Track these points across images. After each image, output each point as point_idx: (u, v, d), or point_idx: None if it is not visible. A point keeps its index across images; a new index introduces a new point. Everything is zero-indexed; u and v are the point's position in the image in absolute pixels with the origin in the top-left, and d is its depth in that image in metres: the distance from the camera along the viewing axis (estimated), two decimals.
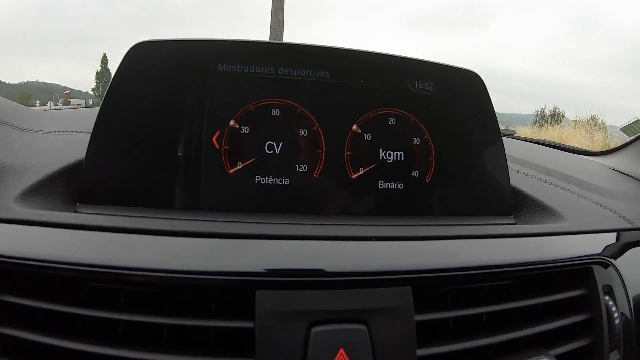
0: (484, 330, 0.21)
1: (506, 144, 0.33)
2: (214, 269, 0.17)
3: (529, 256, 0.23)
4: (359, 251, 0.19)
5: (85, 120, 0.32)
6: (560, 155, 0.55)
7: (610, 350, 0.26)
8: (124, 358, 0.16)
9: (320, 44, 0.26)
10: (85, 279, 0.18)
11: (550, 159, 0.47)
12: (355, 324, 0.17)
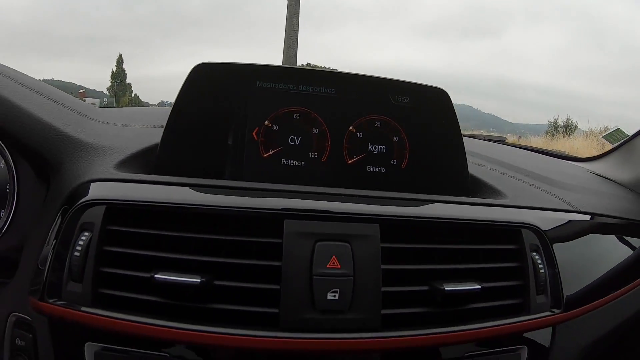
0: (435, 262, 0.32)
1: (493, 148, 0.44)
2: (261, 207, 0.30)
3: (471, 215, 0.34)
4: (348, 203, 0.32)
5: (137, 118, 0.46)
6: (541, 159, 0.66)
7: (538, 293, 0.36)
8: (205, 262, 0.28)
9: (328, 69, 0.39)
10: (169, 212, 0.31)
11: (527, 161, 0.58)
12: (343, 242, 0.29)
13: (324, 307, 0.28)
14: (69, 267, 0.30)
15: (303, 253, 0.29)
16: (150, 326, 0.28)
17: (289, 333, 0.28)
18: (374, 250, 0.30)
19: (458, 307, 0.31)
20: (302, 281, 0.28)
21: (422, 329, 0.30)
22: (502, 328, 0.33)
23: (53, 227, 0.32)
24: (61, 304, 0.30)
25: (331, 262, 0.29)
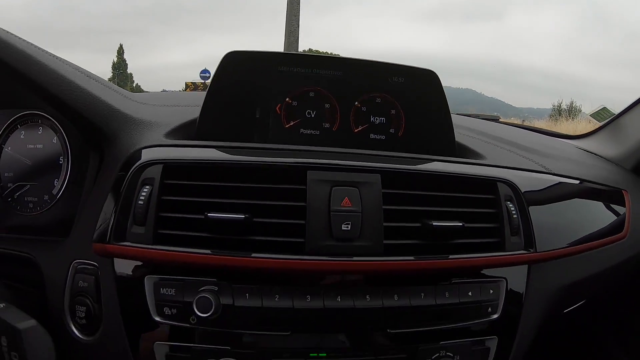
0: (425, 205, 0.41)
1: (484, 124, 0.53)
2: (290, 162, 0.40)
3: (454, 170, 0.43)
4: (356, 159, 0.42)
5: (168, 100, 0.55)
6: (530, 135, 0.75)
7: (512, 235, 0.45)
8: (246, 204, 0.37)
9: (337, 55, 0.48)
10: (215, 167, 0.40)
11: (513, 134, 0.67)
12: (353, 187, 0.38)
13: (339, 236, 0.37)
14: (134, 214, 0.38)
15: (322, 195, 0.38)
16: (202, 255, 0.37)
17: (313, 257, 0.37)
18: (376, 194, 0.39)
19: (445, 240, 0.41)
20: (322, 216, 0.37)
21: (416, 256, 0.39)
22: (483, 259, 0.42)
23: (114, 185, 0.41)
24: (126, 245, 0.39)
25: (344, 202, 0.38)
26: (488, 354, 0.43)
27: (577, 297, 0.58)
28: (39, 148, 0.50)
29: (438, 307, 0.40)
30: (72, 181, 0.46)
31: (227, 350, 0.37)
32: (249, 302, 0.37)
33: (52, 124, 0.48)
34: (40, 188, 0.47)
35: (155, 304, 0.38)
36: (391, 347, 0.39)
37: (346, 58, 0.48)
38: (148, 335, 0.39)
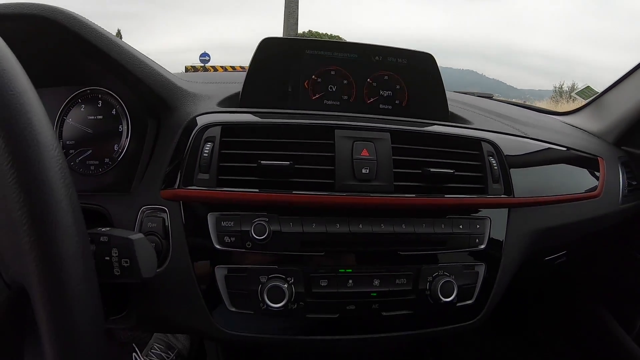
0: (424, 157, 0.59)
1: (477, 100, 0.72)
2: (322, 123, 0.55)
3: (446, 131, 0.62)
4: (370, 121, 0.58)
5: (207, 79, 0.73)
6: (520, 110, 0.94)
7: (494, 182, 0.63)
8: (289, 154, 0.55)
9: (353, 42, 0.67)
10: (263, 127, 0.57)
11: (502, 108, 0.86)
12: (369, 141, 0.54)
13: (360, 178, 0.55)
14: (199, 165, 0.55)
15: (347, 147, 0.55)
16: (255, 194, 0.54)
17: (340, 193, 0.54)
18: (387, 147, 0.56)
19: (440, 184, 0.58)
20: (347, 163, 0.54)
21: (418, 195, 0.57)
22: (470, 199, 0.60)
23: (178, 144, 0.58)
24: (194, 189, 0.56)
25: (363, 152, 0.55)
26: (477, 276, 0.61)
27: (556, 245, 0.76)
28: (99, 119, 0.63)
29: (436, 235, 0.57)
30: (132, 145, 0.62)
31: (275, 269, 0.54)
32: (292, 229, 0.53)
33: (111, 97, 0.63)
34: (101, 152, 0.58)
35: (216, 235, 0.54)
36: (401, 265, 0.55)
37: (360, 43, 0.65)
38: (210, 262, 0.52)
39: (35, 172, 0.28)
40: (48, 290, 0.28)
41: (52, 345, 0.28)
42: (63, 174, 0.30)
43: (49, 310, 0.28)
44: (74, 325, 0.29)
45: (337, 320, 0.55)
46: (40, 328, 0.29)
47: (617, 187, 0.84)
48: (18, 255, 0.28)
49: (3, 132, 0.27)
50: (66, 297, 0.29)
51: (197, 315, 0.54)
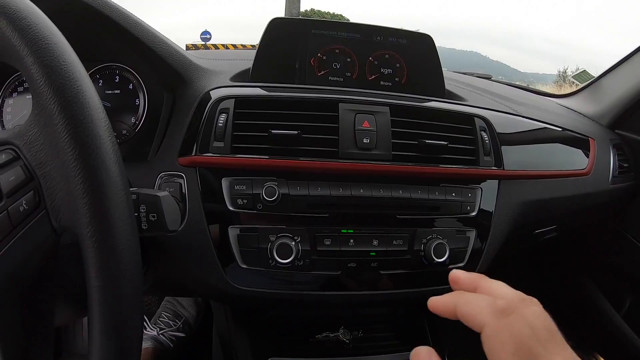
0: (420, 129, 0.68)
1: (475, 80, 0.81)
2: (327, 97, 0.64)
3: (442, 107, 0.70)
4: (371, 96, 0.66)
5: (218, 57, 0.81)
6: (516, 91, 1.03)
7: (485, 155, 0.72)
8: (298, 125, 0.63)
9: (356, 22, 0.75)
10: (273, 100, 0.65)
11: (499, 88, 0.94)
12: (370, 114, 0.62)
13: (361, 147, 0.63)
14: (215, 134, 0.63)
15: (349, 119, 0.63)
16: (266, 160, 0.62)
17: (343, 161, 0.62)
18: (387, 120, 0.64)
19: (435, 154, 0.66)
20: (349, 133, 0.63)
21: (414, 163, 0.66)
22: (463, 169, 0.67)
23: (194, 115, 0.66)
24: (209, 155, 0.64)
25: (364, 124, 0.64)
26: (468, 241, 0.69)
27: (545, 218, 0.85)
28: (116, 93, 0.67)
29: (430, 201, 0.66)
30: (148, 118, 0.70)
31: (283, 229, 0.62)
32: (299, 192, 0.61)
33: (128, 73, 0.70)
34: (118, 124, 0.64)
35: (230, 198, 0.62)
36: (398, 228, 0.63)
37: (363, 24, 0.73)
38: (223, 222, 0.60)
39: (88, 129, 0.34)
40: (99, 228, 0.34)
41: (99, 278, 0.34)
42: (110, 131, 0.36)
43: (98, 246, 0.34)
44: (119, 260, 0.35)
45: (339, 277, 0.63)
46: (87, 265, 0.34)
47: (607, 168, 0.92)
48: (71, 200, 0.34)
49: (59, 98, 0.33)
50: (113, 235, 0.34)
51: (211, 272, 0.63)
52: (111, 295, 0.34)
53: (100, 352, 0.34)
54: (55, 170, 0.34)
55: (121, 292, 0.35)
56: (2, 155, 0.35)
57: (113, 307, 0.34)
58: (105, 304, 0.34)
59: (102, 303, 0.34)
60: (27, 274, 0.36)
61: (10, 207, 0.34)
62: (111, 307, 0.34)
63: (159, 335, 0.97)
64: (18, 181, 0.34)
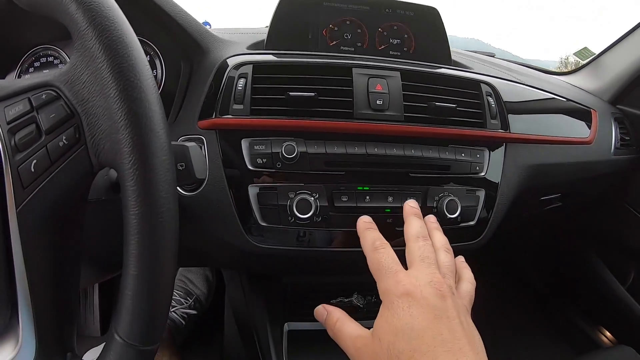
0: (430, 93, 0.74)
1: (479, 55, 0.88)
2: (342, 63, 0.69)
3: (448, 72, 0.76)
4: (383, 63, 0.72)
5: (233, 30, 0.87)
6: (517, 65, 1.09)
7: (492, 119, 0.78)
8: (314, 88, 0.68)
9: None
10: (290, 65, 0.71)
11: (502, 63, 1.01)
12: (382, 78, 0.68)
13: (374, 108, 0.69)
14: (234, 97, 0.68)
15: (363, 83, 0.69)
16: (284, 120, 0.67)
17: (358, 121, 0.68)
18: (398, 83, 0.69)
19: (443, 116, 0.73)
20: (363, 95, 0.68)
21: (425, 124, 0.72)
22: (471, 131, 0.73)
23: (213, 80, 0.71)
24: (229, 117, 0.69)
25: (377, 87, 0.70)
26: (478, 200, 0.75)
27: (550, 183, 0.91)
28: None
29: (441, 160, 0.71)
30: (166, 86, 0.75)
31: (302, 186, 0.67)
32: (316, 150, 0.66)
33: (145, 44, 0.77)
34: None
35: (250, 157, 0.67)
36: (411, 186, 0.69)
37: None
38: (243, 181, 0.65)
39: (131, 65, 0.37)
40: (140, 157, 0.36)
41: (139, 205, 0.36)
42: (150, 69, 0.39)
43: (139, 175, 0.36)
44: (159, 189, 0.37)
45: (356, 233, 0.69)
46: (126, 196, 0.36)
47: (610, 139, 0.99)
48: (112, 133, 0.36)
49: (103, 37, 0.37)
50: (154, 166, 0.37)
51: (231, 232, 0.67)
52: (149, 222, 0.36)
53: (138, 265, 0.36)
54: (98, 106, 0.36)
55: (159, 219, 0.36)
56: (42, 95, 0.37)
57: (151, 232, 0.36)
58: (144, 231, 0.36)
59: (140, 230, 0.35)
60: (61, 214, 0.37)
61: (49, 143, 0.35)
62: (149, 233, 0.36)
63: (171, 312, 1.01)
64: (58, 118, 0.36)
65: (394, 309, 0.45)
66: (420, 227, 0.57)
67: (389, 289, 0.47)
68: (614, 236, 1.15)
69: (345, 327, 0.51)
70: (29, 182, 0.35)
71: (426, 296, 0.45)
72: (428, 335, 0.42)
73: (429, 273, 0.48)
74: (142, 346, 0.37)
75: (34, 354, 0.37)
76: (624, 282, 1.13)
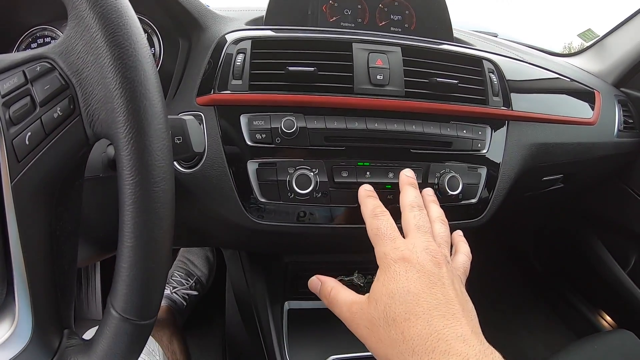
0: (431, 69, 0.72)
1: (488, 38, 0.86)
2: (342, 38, 0.68)
3: (451, 49, 0.74)
4: (383, 38, 0.71)
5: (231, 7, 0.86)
6: (522, 47, 1.08)
7: (494, 95, 0.76)
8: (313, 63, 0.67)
9: None
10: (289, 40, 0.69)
11: (505, 42, 0.99)
12: (383, 53, 0.67)
13: (375, 83, 0.67)
14: (233, 72, 0.67)
15: (363, 58, 0.67)
16: (284, 95, 0.66)
17: (358, 96, 0.67)
18: (399, 58, 0.68)
19: (445, 92, 0.71)
20: (363, 70, 0.67)
21: (427, 100, 0.70)
22: (473, 107, 0.72)
23: (212, 56, 0.70)
24: (228, 92, 0.68)
25: (377, 62, 0.68)
26: (480, 177, 0.73)
27: (553, 162, 0.89)
28: None
29: (442, 136, 0.70)
30: (165, 64, 0.74)
31: (301, 161, 0.66)
32: (316, 125, 0.65)
33: (143, 22, 0.77)
34: None
35: (249, 133, 0.66)
36: (412, 162, 0.68)
37: None
38: (242, 157, 0.63)
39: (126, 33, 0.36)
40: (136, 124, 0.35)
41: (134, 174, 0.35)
42: (144, 38, 0.38)
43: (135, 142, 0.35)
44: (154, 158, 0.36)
45: (356, 209, 0.67)
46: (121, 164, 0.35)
47: (613, 121, 0.98)
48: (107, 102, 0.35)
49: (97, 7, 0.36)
50: (149, 133, 0.36)
51: (231, 208, 0.66)
52: (145, 191, 0.35)
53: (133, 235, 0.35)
54: (92, 75, 0.35)
55: (155, 188, 0.35)
56: (37, 67, 0.37)
57: (147, 202, 0.35)
58: (139, 200, 0.35)
59: (135, 200, 0.35)
60: (57, 187, 0.37)
61: (44, 115, 0.35)
62: (145, 202, 0.35)
63: (172, 293, 1.01)
64: (53, 89, 0.35)
65: (391, 273, 0.45)
66: (415, 196, 0.57)
67: (386, 254, 0.48)
68: (615, 219, 1.13)
69: (340, 295, 0.51)
70: (23, 155, 0.35)
71: (422, 262, 0.46)
72: (423, 299, 0.42)
73: (425, 240, 0.49)
74: (138, 320, 0.37)
75: (30, 330, 0.37)
76: (625, 266, 1.12)
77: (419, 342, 0.40)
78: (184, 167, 0.66)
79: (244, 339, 0.92)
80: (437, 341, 0.39)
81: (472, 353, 0.38)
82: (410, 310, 0.42)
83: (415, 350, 0.40)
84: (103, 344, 0.38)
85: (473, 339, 0.40)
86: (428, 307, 0.42)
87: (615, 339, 0.84)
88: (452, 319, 0.41)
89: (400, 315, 0.42)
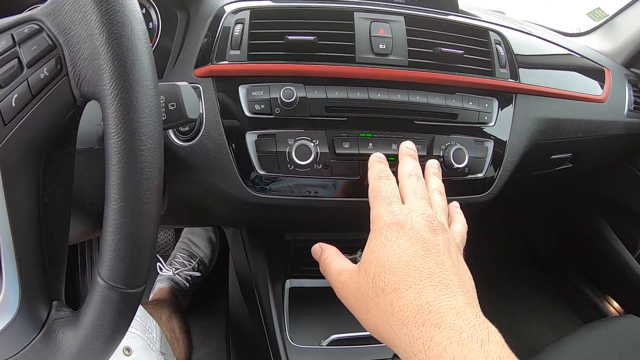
0: (435, 38, 0.68)
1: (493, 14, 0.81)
2: (342, 6, 0.64)
3: (456, 20, 0.70)
4: (386, 7, 0.67)
5: None
6: (531, 24, 1.02)
7: (501, 67, 0.71)
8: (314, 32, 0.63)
9: None
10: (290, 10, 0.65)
11: (515, 19, 0.94)
12: (385, 22, 0.63)
13: (377, 52, 0.63)
14: (231, 43, 0.63)
15: (365, 27, 0.63)
16: (283, 65, 0.62)
17: (360, 65, 0.63)
18: (402, 28, 0.64)
19: (450, 63, 0.67)
20: (365, 39, 0.63)
21: (431, 70, 0.66)
22: (479, 79, 0.67)
23: (210, 27, 0.66)
24: (226, 63, 0.64)
25: (380, 31, 0.64)
26: (486, 151, 0.69)
27: (561, 139, 0.84)
28: None
29: (448, 107, 0.65)
30: (163, 38, 0.70)
31: (301, 132, 0.62)
32: (316, 95, 0.61)
33: None
34: None
35: (247, 104, 0.62)
36: (417, 134, 0.64)
37: None
38: (241, 129, 0.60)
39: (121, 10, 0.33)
40: (122, 81, 0.33)
41: (119, 133, 0.33)
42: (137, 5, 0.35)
43: (121, 99, 0.33)
44: (141, 115, 0.34)
45: (358, 181, 0.63)
46: (108, 124, 0.33)
47: (623, 100, 0.92)
48: (94, 59, 0.33)
49: None
50: (137, 90, 0.33)
51: (229, 181, 0.63)
52: (131, 149, 0.33)
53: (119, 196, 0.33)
54: (79, 34, 0.34)
55: (141, 146, 0.33)
56: (25, 29, 0.35)
57: (133, 161, 0.33)
58: (125, 159, 0.33)
59: (121, 159, 0.33)
60: (45, 152, 0.36)
61: (31, 76, 0.34)
62: (131, 161, 0.33)
63: (175, 275, 0.98)
64: (39, 50, 0.34)
65: (382, 239, 0.42)
66: (413, 166, 0.53)
67: (380, 216, 0.44)
68: (624, 203, 1.08)
69: (334, 262, 0.49)
70: (10, 118, 0.33)
71: (416, 228, 0.42)
72: (415, 268, 0.38)
73: (422, 206, 0.45)
74: (126, 288, 0.35)
75: (17, 300, 0.35)
76: (634, 251, 1.06)
77: (409, 314, 0.36)
78: (181, 140, 0.63)
79: (246, 320, 0.89)
80: (428, 313, 0.36)
81: (465, 326, 0.34)
82: (401, 279, 0.38)
83: (405, 323, 0.36)
84: (90, 314, 0.35)
85: (468, 312, 0.36)
86: (420, 277, 0.38)
87: (622, 324, 0.79)
88: (446, 289, 0.37)
89: (389, 285, 0.38)
